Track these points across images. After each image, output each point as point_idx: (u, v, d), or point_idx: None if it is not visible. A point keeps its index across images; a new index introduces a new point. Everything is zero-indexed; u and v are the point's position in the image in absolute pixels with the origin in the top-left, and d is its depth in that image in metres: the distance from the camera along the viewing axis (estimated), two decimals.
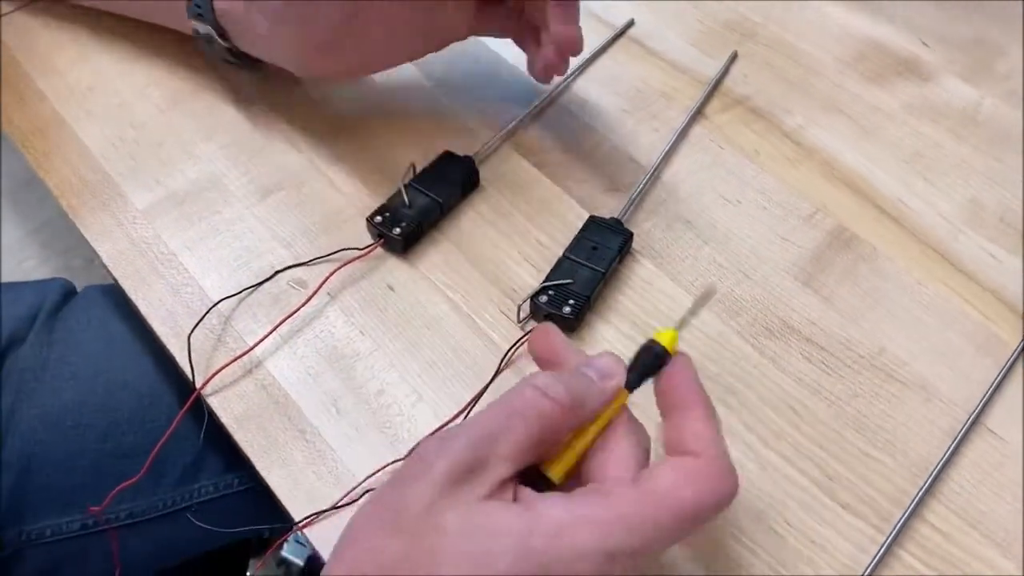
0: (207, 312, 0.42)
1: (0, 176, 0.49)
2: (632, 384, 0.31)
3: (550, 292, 0.42)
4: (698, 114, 0.51)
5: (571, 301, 0.41)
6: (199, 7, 0.46)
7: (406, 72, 0.53)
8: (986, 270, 0.44)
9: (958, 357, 0.41)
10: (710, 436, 0.29)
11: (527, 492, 0.29)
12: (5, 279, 0.63)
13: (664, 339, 0.32)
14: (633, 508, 0.27)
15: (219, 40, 0.47)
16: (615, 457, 0.30)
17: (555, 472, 0.30)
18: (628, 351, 0.41)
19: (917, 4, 0.57)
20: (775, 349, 0.41)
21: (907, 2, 0.57)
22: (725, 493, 0.28)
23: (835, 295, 0.43)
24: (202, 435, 0.41)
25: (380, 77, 0.53)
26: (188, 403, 0.40)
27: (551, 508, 0.28)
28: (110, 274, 0.45)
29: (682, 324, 0.32)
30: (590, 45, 0.54)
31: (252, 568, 0.60)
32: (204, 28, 0.47)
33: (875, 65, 0.53)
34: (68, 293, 0.61)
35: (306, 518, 0.36)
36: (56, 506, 0.55)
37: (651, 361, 0.31)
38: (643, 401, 0.32)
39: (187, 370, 0.41)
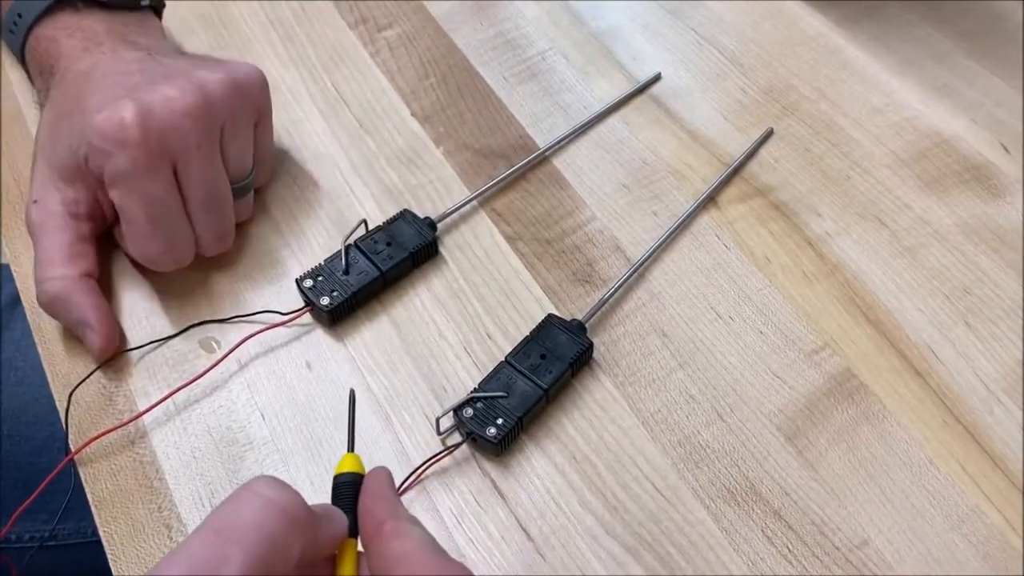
0: (98, 367, 0.38)
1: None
2: (352, 530, 0.27)
3: (478, 405, 0.36)
4: (709, 201, 0.43)
5: (499, 421, 0.35)
6: (12, 30, 0.44)
7: (391, 106, 0.47)
8: (1020, 459, 0.35)
9: (959, 568, 0.33)
10: (412, 551, 0.25)
11: None
12: None
13: (347, 467, 0.28)
14: None
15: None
16: None
17: None
18: (560, 489, 0.35)
19: (1010, 98, 0.47)
20: (733, 519, 0.34)
21: (999, 94, 0.47)
22: None
23: (822, 460, 0.35)
24: (62, 509, 0.37)
25: (357, 108, 0.47)
26: (57, 468, 0.36)
27: None
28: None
29: (352, 444, 0.30)
30: (604, 99, 0.47)
31: None
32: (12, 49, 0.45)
33: (936, 168, 0.44)
34: None
35: None
36: None
37: (348, 495, 0.27)
38: None
39: (64, 427, 0.37)
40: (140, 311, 0.40)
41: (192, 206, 0.38)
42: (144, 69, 0.39)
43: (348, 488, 0.27)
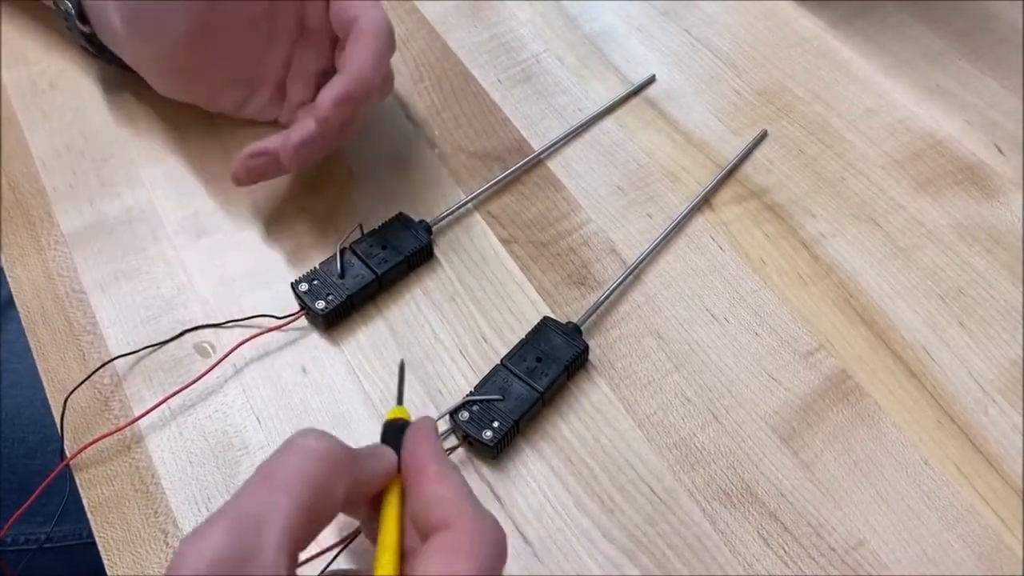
0: (94, 372, 0.38)
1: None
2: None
3: (474, 408, 0.36)
4: (704, 203, 0.43)
5: (495, 424, 0.35)
6: None
7: (386, 109, 0.47)
8: (1015, 459, 0.35)
9: (954, 568, 0.33)
10: (449, 496, 0.27)
11: None
12: None
13: (396, 415, 0.32)
14: None
15: (78, 23, 0.43)
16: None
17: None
18: (557, 492, 0.35)
19: (1005, 99, 0.47)
20: (729, 521, 0.34)
21: (993, 94, 0.47)
22: (491, 556, 0.26)
23: (818, 462, 0.35)
24: (58, 513, 0.37)
25: None
26: (53, 474, 0.36)
27: None
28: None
29: (401, 398, 0.33)
30: (598, 101, 0.47)
31: None
32: (64, 3, 0.43)
33: (930, 168, 0.44)
34: None
35: None
36: None
37: (395, 433, 0.30)
38: None
39: (60, 432, 0.37)
40: (135, 315, 0.40)
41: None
42: None
43: (398, 431, 0.30)
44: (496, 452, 0.35)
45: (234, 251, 0.42)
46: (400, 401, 0.33)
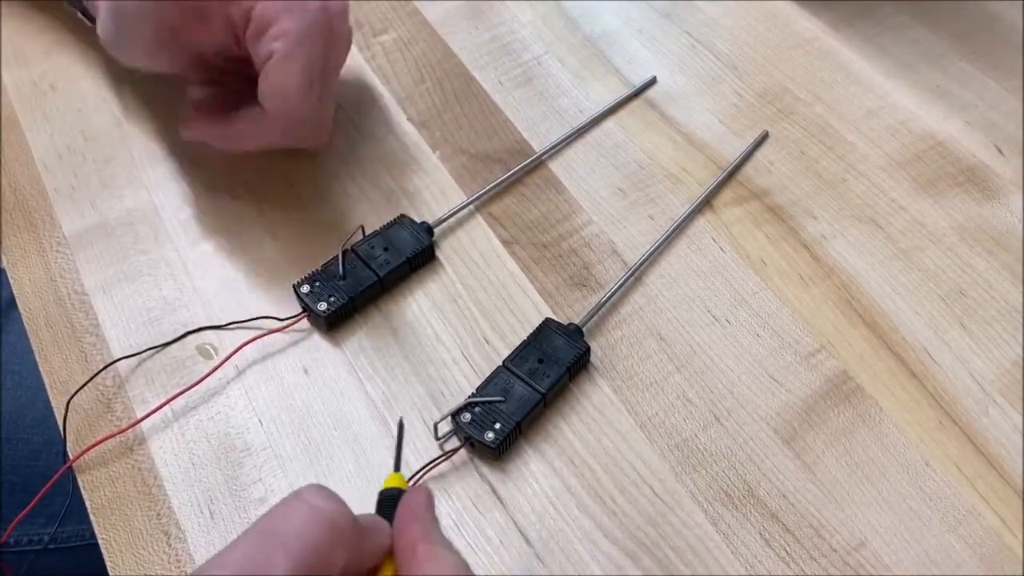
0: (96, 374, 0.38)
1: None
2: None
3: (476, 409, 0.36)
4: (705, 204, 0.43)
5: (497, 425, 0.35)
6: None
7: (387, 111, 0.47)
8: (1016, 460, 0.35)
9: (956, 569, 0.33)
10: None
11: None
12: None
13: (392, 484, 0.29)
14: None
15: None
16: None
17: None
18: (559, 493, 0.35)
19: (1004, 100, 0.47)
20: (731, 522, 0.34)
21: (993, 96, 0.47)
22: None
23: (819, 463, 0.36)
24: (61, 515, 0.37)
25: (353, 112, 0.47)
26: (56, 475, 0.36)
27: None
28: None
29: (399, 464, 0.31)
30: (600, 103, 0.47)
31: None
32: None
33: (931, 170, 0.45)
34: None
35: None
36: None
37: (389, 505, 0.28)
38: None
39: (62, 434, 0.37)
40: (138, 317, 0.40)
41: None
42: None
43: (393, 503, 0.28)
44: (498, 453, 0.35)
45: (236, 252, 0.42)
46: (397, 467, 0.31)
